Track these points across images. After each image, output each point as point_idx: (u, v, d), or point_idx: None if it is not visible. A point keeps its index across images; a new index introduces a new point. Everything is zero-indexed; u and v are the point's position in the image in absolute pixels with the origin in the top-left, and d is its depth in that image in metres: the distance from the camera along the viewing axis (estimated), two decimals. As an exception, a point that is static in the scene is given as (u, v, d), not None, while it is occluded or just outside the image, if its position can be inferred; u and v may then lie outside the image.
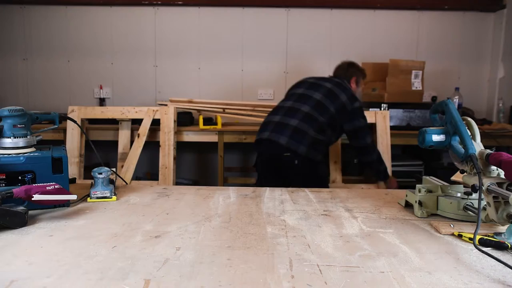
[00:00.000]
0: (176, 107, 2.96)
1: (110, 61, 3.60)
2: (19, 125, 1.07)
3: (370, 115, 2.77)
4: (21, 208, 0.90)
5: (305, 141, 2.06)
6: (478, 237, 0.80)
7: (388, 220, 0.99)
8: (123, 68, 3.61)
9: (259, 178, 2.31)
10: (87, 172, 2.62)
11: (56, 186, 0.97)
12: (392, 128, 2.94)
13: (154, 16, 3.56)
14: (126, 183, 1.39)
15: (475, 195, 0.96)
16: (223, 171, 3.04)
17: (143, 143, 2.75)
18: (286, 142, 2.05)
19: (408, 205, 1.09)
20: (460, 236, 0.86)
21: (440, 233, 0.89)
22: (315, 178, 2.15)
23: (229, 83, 3.63)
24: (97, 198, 1.12)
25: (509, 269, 0.69)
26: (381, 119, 2.77)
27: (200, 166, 3.80)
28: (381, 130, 2.76)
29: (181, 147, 3.07)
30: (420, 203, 1.01)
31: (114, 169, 1.21)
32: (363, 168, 3.05)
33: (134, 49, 3.59)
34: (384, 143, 2.71)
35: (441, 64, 3.58)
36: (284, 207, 1.09)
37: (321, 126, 2.12)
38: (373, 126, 2.77)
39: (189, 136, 2.98)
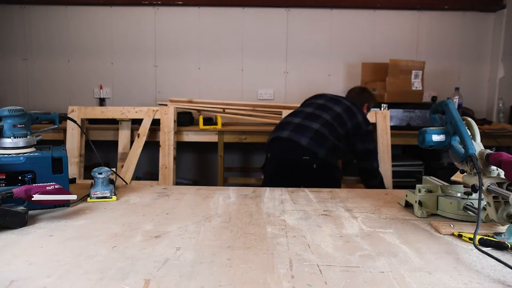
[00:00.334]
0: (176, 107, 2.96)
1: (110, 61, 3.60)
2: (19, 125, 1.07)
3: (370, 115, 2.76)
4: (21, 208, 0.90)
5: (326, 145, 2.04)
6: (478, 237, 0.80)
7: (388, 220, 0.99)
8: (123, 68, 3.61)
9: (266, 180, 2.22)
10: (87, 172, 2.62)
11: (56, 186, 0.97)
12: (392, 128, 2.94)
13: (154, 16, 3.56)
14: (126, 183, 1.39)
15: (475, 195, 0.96)
16: (223, 171, 3.04)
17: (143, 143, 2.75)
18: (307, 143, 2.01)
19: (408, 205, 1.09)
20: (460, 236, 0.86)
21: (440, 233, 0.89)
22: (331, 183, 2.06)
23: (229, 83, 3.63)
24: (97, 198, 1.12)
25: (509, 269, 0.69)
26: (381, 119, 2.76)
27: (200, 166, 3.81)
28: (381, 129, 2.75)
29: (181, 147, 3.07)
30: (420, 203, 1.01)
31: (114, 169, 1.21)
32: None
33: (134, 49, 3.59)
34: (384, 143, 2.71)
35: (441, 64, 3.58)
36: (284, 207, 1.09)
37: (339, 136, 2.14)
38: (373, 126, 2.77)
39: (189, 136, 2.98)
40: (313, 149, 2.01)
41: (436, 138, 1.00)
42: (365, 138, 2.25)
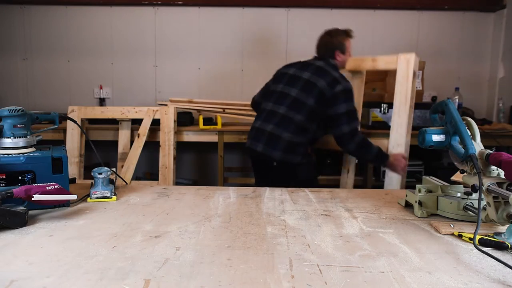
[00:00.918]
0: (176, 107, 2.96)
1: (110, 61, 3.60)
2: (19, 125, 1.07)
3: (392, 60, 2.43)
4: (21, 208, 0.90)
5: (279, 146, 2.05)
6: (478, 237, 0.80)
7: (388, 220, 0.99)
8: (123, 68, 3.61)
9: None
10: (87, 172, 2.62)
11: (56, 186, 0.97)
12: (392, 128, 2.94)
13: (154, 16, 3.56)
14: (126, 183, 1.39)
15: (475, 195, 0.96)
16: (223, 171, 3.04)
17: (143, 143, 2.75)
18: (262, 149, 2.09)
19: (408, 205, 1.09)
20: (460, 236, 0.86)
21: (440, 233, 0.89)
22: (293, 182, 2.04)
23: (229, 83, 3.63)
24: (97, 198, 1.12)
25: (509, 269, 0.69)
26: (404, 64, 2.36)
27: (200, 166, 3.80)
28: (401, 76, 2.35)
29: (181, 147, 3.07)
30: (420, 203, 1.01)
31: (114, 169, 1.21)
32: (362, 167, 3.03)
33: (134, 49, 3.59)
34: (402, 93, 2.33)
35: (441, 64, 3.58)
36: (284, 207, 1.09)
37: (298, 126, 2.06)
38: (393, 72, 2.48)
39: (189, 136, 2.98)
40: (268, 153, 2.07)
41: (436, 138, 1.00)
42: (332, 102, 2.05)
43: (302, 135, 2.08)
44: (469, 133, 0.96)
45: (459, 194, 1.03)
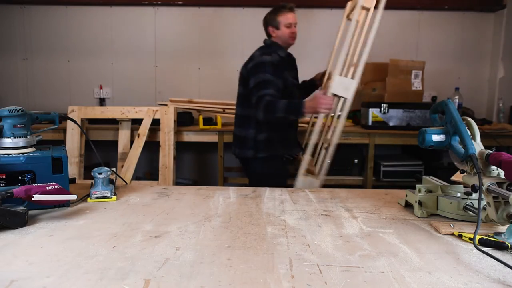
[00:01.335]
0: (176, 107, 2.96)
1: (110, 61, 3.60)
2: (19, 125, 1.07)
3: None
4: (21, 208, 0.90)
5: (236, 143, 2.27)
6: (478, 237, 0.80)
7: (388, 220, 0.99)
8: (123, 68, 3.61)
9: None
10: (87, 172, 2.62)
11: (56, 186, 0.97)
12: (392, 128, 2.94)
13: (154, 16, 3.56)
14: (126, 183, 1.39)
15: (475, 195, 0.96)
16: (223, 171, 3.04)
17: (143, 143, 2.75)
18: (233, 150, 2.32)
19: (408, 205, 1.09)
20: (460, 236, 0.86)
21: (440, 233, 0.89)
22: (250, 177, 2.29)
23: (229, 83, 3.62)
24: (97, 198, 1.12)
25: (509, 269, 0.69)
26: None
27: (200, 166, 3.80)
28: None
29: (181, 147, 3.07)
30: (420, 203, 1.01)
31: (114, 169, 1.21)
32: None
33: (134, 49, 3.59)
34: (353, 21, 2.22)
35: (441, 64, 3.58)
36: (284, 207, 1.09)
37: (240, 118, 2.23)
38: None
39: (189, 136, 2.98)
40: (233, 152, 2.32)
41: (436, 138, 1.00)
42: (248, 80, 2.09)
43: (246, 127, 2.19)
44: (469, 133, 0.96)
45: (459, 194, 1.03)
